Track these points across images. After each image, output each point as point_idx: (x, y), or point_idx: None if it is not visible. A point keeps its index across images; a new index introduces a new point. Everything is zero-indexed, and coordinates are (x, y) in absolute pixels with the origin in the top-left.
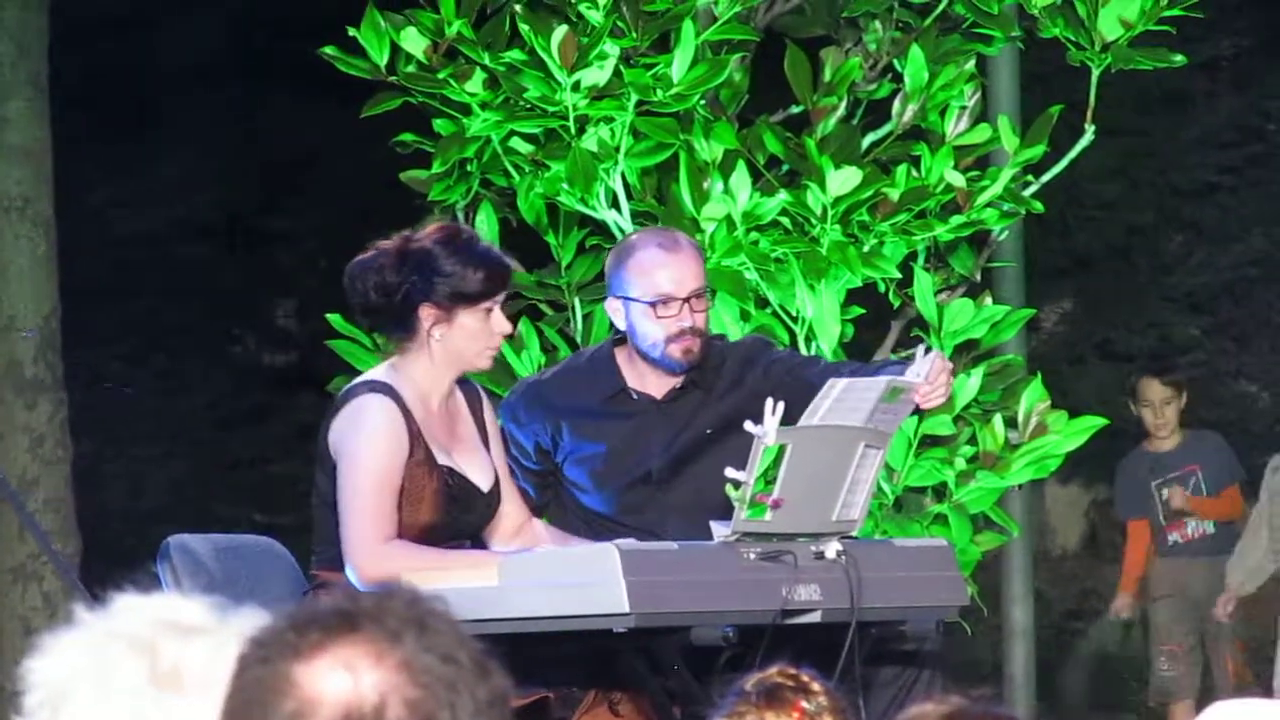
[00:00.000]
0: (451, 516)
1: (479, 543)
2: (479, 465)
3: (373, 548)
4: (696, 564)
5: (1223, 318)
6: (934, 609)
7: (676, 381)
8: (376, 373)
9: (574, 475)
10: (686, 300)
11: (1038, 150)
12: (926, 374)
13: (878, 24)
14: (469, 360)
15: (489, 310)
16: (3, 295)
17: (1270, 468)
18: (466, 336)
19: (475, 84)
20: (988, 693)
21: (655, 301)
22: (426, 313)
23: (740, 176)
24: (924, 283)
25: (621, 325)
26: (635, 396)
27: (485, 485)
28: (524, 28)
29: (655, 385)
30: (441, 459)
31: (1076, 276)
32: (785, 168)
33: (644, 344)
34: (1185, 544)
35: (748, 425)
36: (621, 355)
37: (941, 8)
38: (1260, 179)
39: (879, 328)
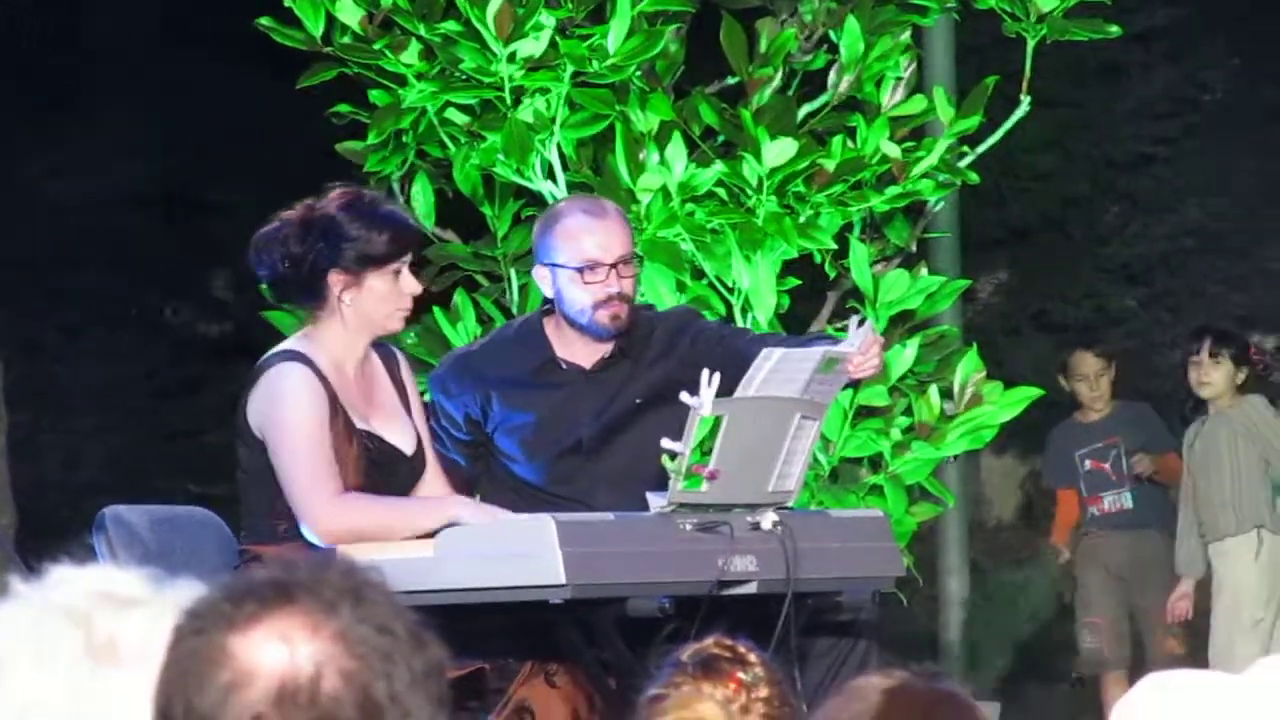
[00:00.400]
0: (373, 482)
1: None
2: (399, 429)
3: (327, 502)
4: (632, 535)
5: (1158, 288)
6: (870, 580)
7: (605, 350)
8: (289, 343)
9: (504, 445)
10: (614, 266)
11: (973, 121)
12: (859, 345)
13: None
14: (380, 323)
15: (397, 272)
16: None
17: (1185, 444)
18: (376, 299)
19: (411, 55)
20: (928, 665)
21: (582, 267)
22: (335, 278)
23: (676, 148)
24: (859, 254)
25: (549, 293)
26: (564, 366)
27: (408, 449)
28: None
29: (584, 354)
30: (359, 424)
31: (1012, 247)
32: (721, 139)
33: (571, 310)
34: (1103, 516)
35: (684, 396)
36: (550, 325)
37: None
38: (1195, 150)
39: (815, 299)
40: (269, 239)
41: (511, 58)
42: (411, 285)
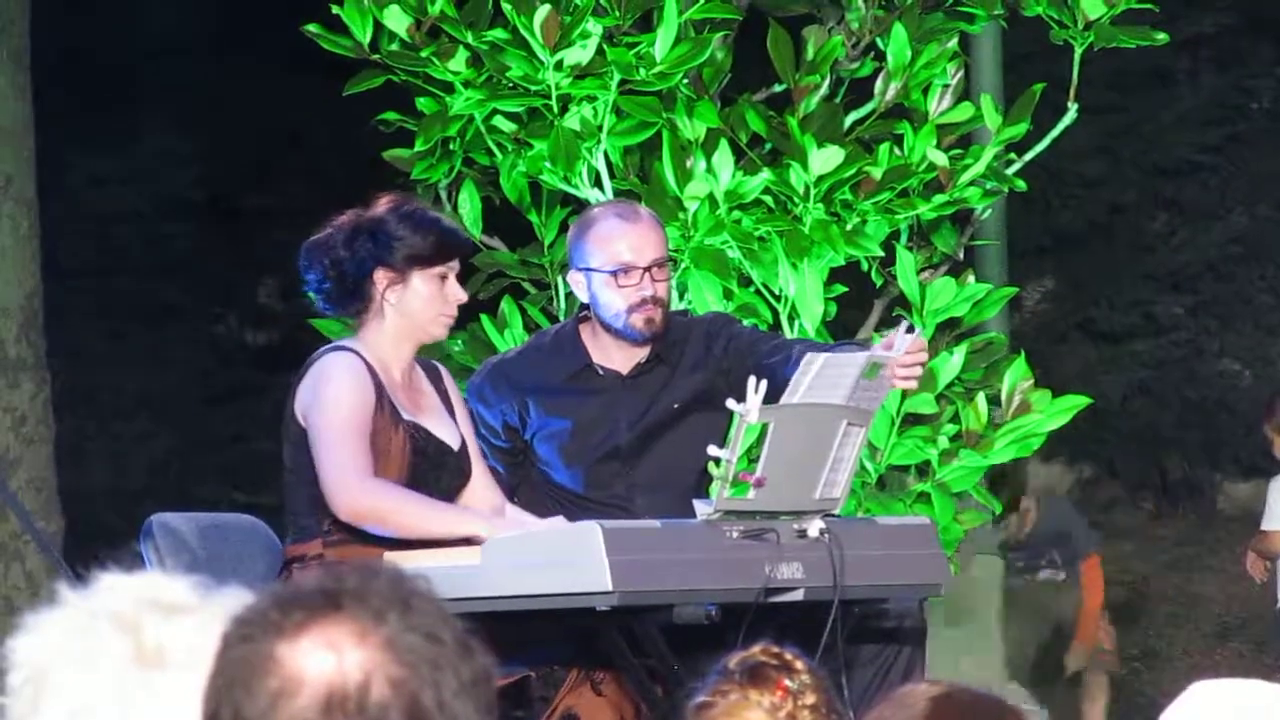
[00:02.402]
0: (422, 473)
1: None
2: (446, 429)
3: (354, 483)
4: (679, 542)
5: (1205, 296)
6: (916, 587)
7: (642, 356)
8: (338, 341)
9: (543, 452)
10: (647, 270)
11: (1020, 128)
12: (902, 351)
13: (860, 2)
14: (424, 326)
15: (443, 276)
16: None
17: None
18: (421, 301)
19: (458, 62)
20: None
21: (616, 270)
22: (381, 276)
23: (723, 155)
24: (906, 261)
25: (584, 298)
26: (601, 372)
27: (454, 444)
28: (507, 6)
29: (620, 360)
30: (406, 415)
31: (1059, 255)
32: (768, 146)
33: (606, 315)
34: None
35: (730, 403)
36: (586, 331)
37: None
38: (1242, 157)
39: (861, 306)
40: (318, 245)
41: (559, 65)
42: (457, 293)
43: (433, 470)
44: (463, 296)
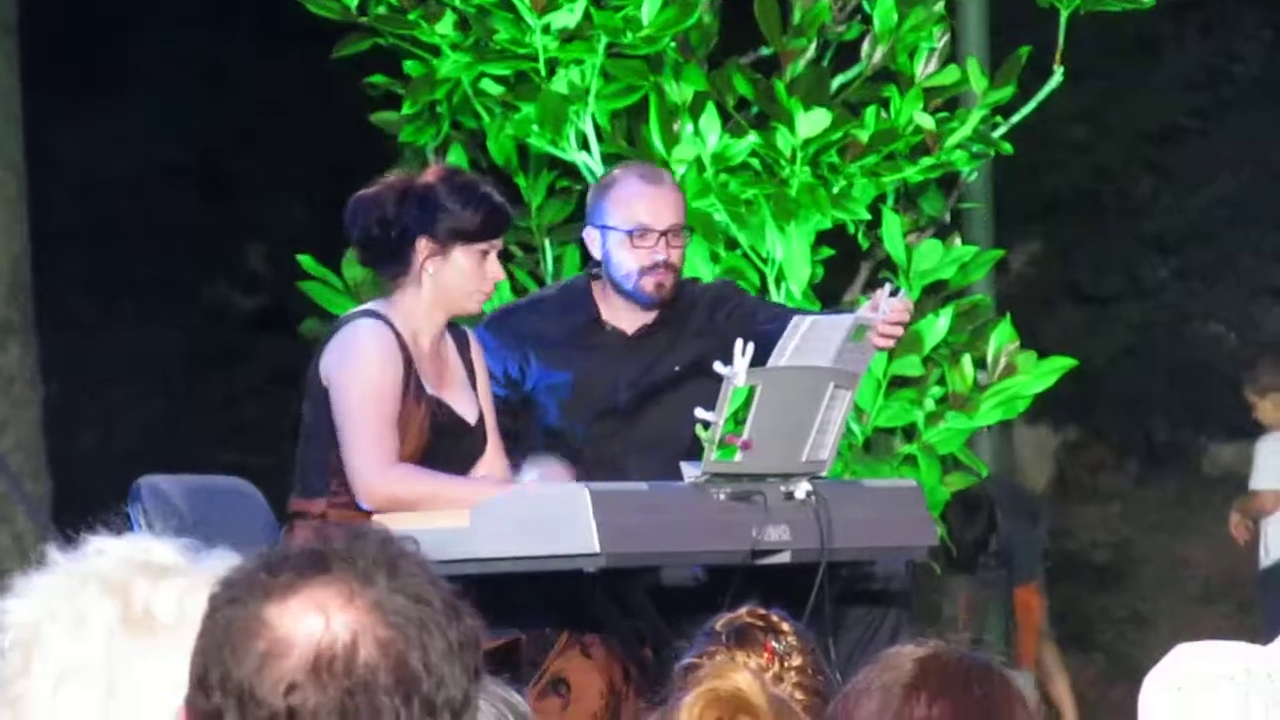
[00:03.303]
0: (437, 448)
1: None
2: (466, 403)
3: (380, 470)
4: (667, 505)
5: (1191, 259)
6: (903, 549)
7: (648, 319)
8: (371, 304)
9: (543, 403)
10: (663, 234)
11: (1007, 92)
12: (887, 314)
13: None
14: (459, 301)
15: (485, 253)
16: None
17: None
18: (459, 275)
19: (446, 25)
20: (963, 636)
21: (632, 231)
22: (423, 245)
23: (710, 119)
24: (893, 224)
25: (598, 254)
26: (606, 329)
27: (472, 419)
28: None
29: (627, 320)
30: (430, 389)
31: (1045, 218)
32: (755, 110)
33: (617, 274)
34: None
35: (717, 366)
36: (596, 288)
37: None
38: (1229, 122)
39: (848, 270)
40: (367, 200)
41: (546, 29)
42: (496, 270)
43: (449, 447)
44: (500, 274)
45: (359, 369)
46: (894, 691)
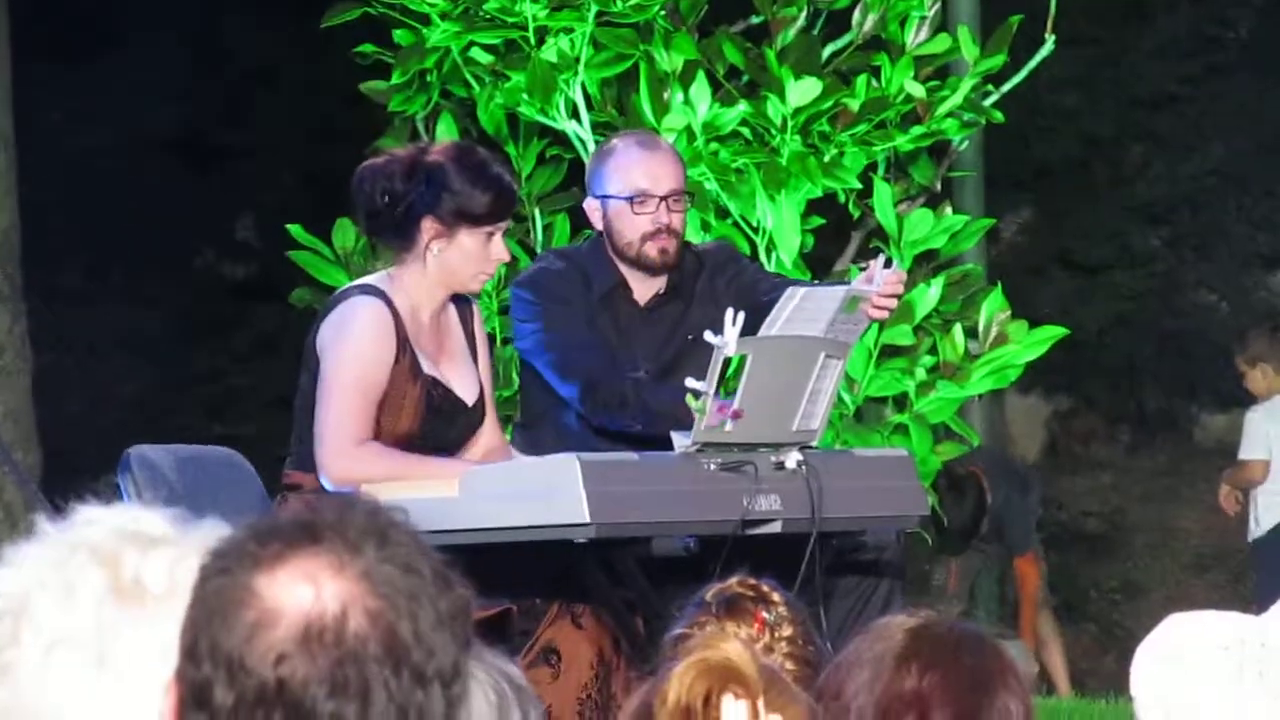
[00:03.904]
0: (431, 427)
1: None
2: (465, 379)
3: (345, 448)
4: (657, 474)
5: (1182, 228)
6: (894, 519)
7: (658, 287)
8: (371, 279)
9: None
10: (664, 199)
11: (997, 60)
12: (880, 285)
13: None
14: (462, 281)
15: (490, 234)
16: None
17: None
18: (463, 256)
19: None
20: (954, 607)
21: (632, 197)
22: (428, 225)
23: (700, 87)
24: (884, 193)
25: (599, 226)
26: (631, 296)
27: (470, 399)
28: None
29: (639, 291)
30: (427, 368)
31: (1036, 187)
32: (745, 78)
33: (620, 242)
34: None
35: (708, 335)
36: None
37: None
38: (1220, 89)
39: (839, 239)
40: (374, 172)
41: None
42: (500, 252)
43: (445, 426)
44: (505, 255)
45: (349, 347)
46: (885, 662)
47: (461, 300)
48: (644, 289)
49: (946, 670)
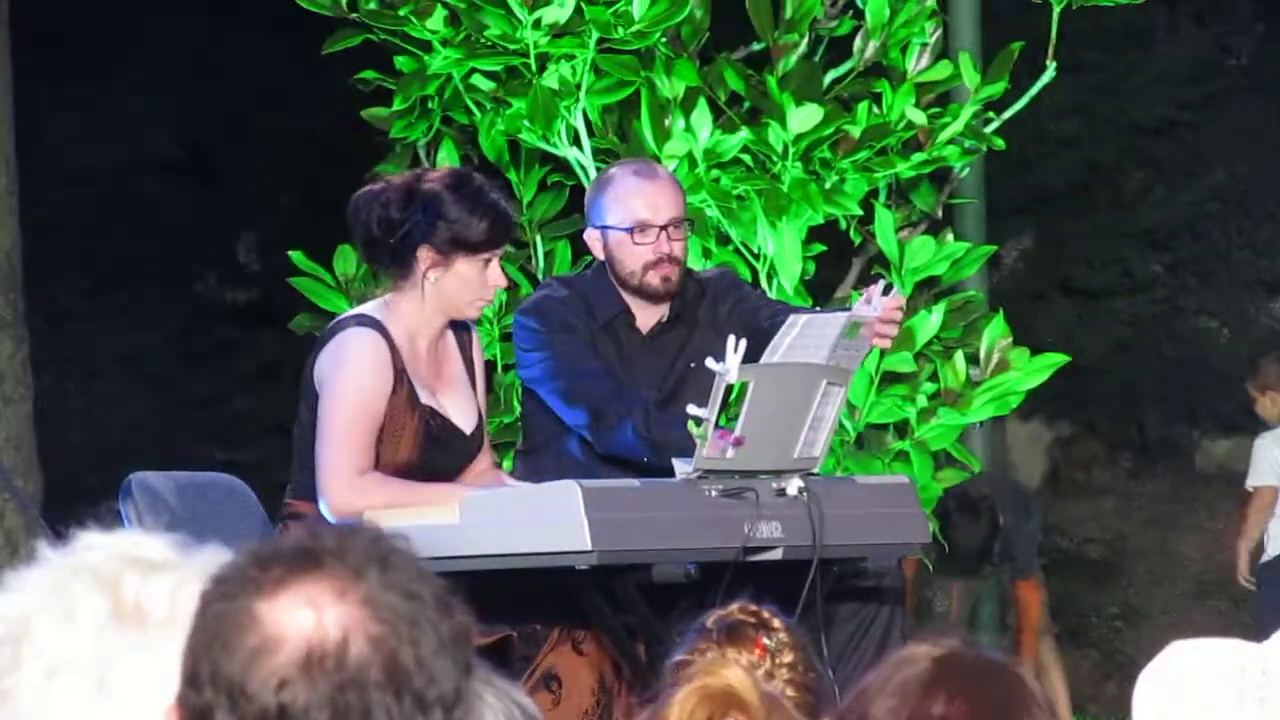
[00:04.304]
0: (429, 456)
1: None
2: (463, 406)
3: (345, 479)
4: (658, 501)
5: (1183, 253)
6: (895, 546)
7: (660, 315)
8: (367, 308)
9: None
10: (664, 228)
11: (999, 87)
12: (880, 311)
13: None
14: (459, 308)
15: (487, 261)
16: None
17: None
18: (461, 284)
19: (436, 21)
20: (956, 630)
21: (632, 228)
22: (425, 254)
23: (701, 114)
24: (885, 220)
25: (601, 256)
26: (634, 324)
27: (468, 428)
28: None
29: (641, 319)
30: (424, 398)
31: (1037, 213)
32: (746, 105)
33: (622, 272)
34: None
35: (709, 362)
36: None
37: None
38: (1221, 115)
39: (840, 265)
40: (370, 199)
41: (537, 24)
42: (498, 278)
43: (442, 455)
44: (503, 281)
45: (347, 379)
46: (911, 689)
47: (460, 326)
48: (647, 317)
49: (973, 697)
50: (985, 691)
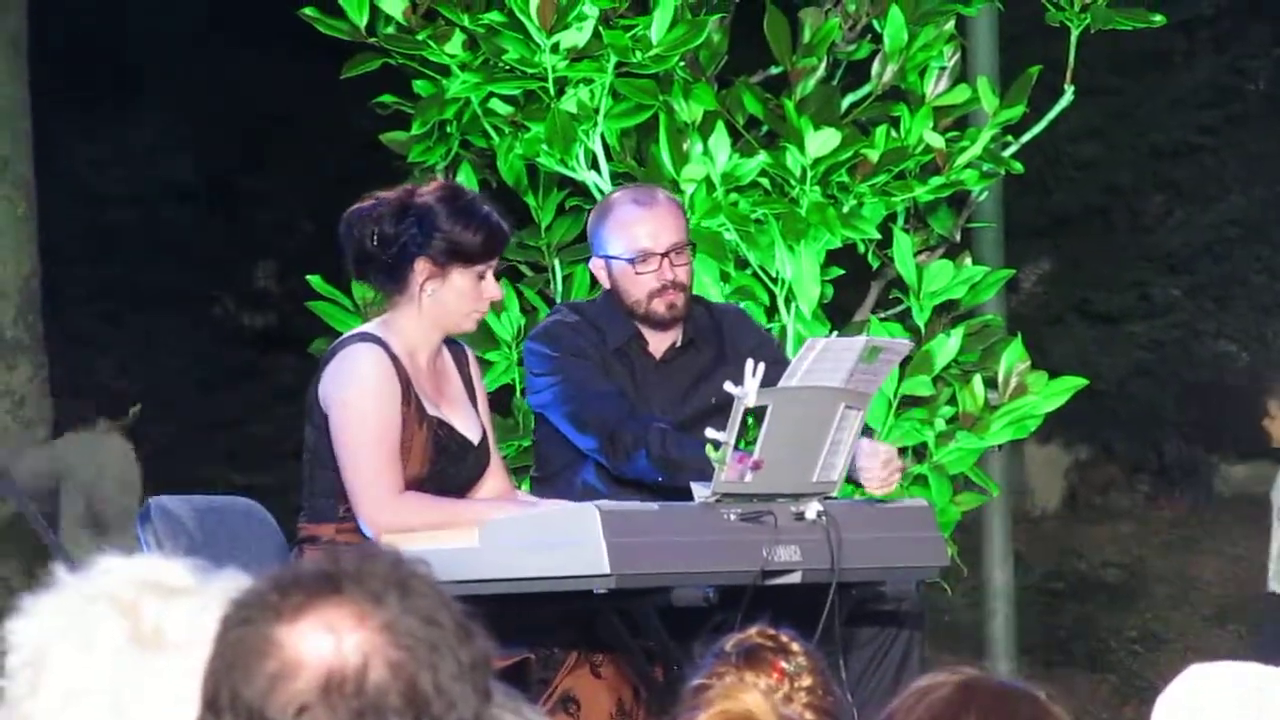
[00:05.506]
0: (439, 468)
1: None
2: (467, 420)
3: (385, 500)
4: (677, 525)
5: (1202, 277)
6: (914, 569)
7: (673, 339)
8: (366, 327)
9: None
10: (665, 255)
11: (1017, 111)
12: (879, 459)
13: None
14: (456, 321)
15: (482, 274)
16: None
17: None
18: (457, 296)
19: (454, 45)
20: (971, 657)
21: (634, 258)
22: (421, 267)
23: (719, 138)
24: (903, 243)
25: (606, 284)
26: (647, 349)
27: (475, 437)
28: None
29: (653, 344)
30: (431, 410)
31: (1056, 236)
32: (764, 129)
33: (628, 301)
34: None
35: (728, 385)
36: None
37: None
38: (1239, 138)
39: (858, 289)
40: (363, 215)
41: (555, 48)
42: (493, 290)
43: (452, 466)
44: (498, 294)
45: (365, 400)
46: (941, 711)
47: (455, 345)
48: (659, 342)
49: (1003, 717)
50: (1015, 712)
